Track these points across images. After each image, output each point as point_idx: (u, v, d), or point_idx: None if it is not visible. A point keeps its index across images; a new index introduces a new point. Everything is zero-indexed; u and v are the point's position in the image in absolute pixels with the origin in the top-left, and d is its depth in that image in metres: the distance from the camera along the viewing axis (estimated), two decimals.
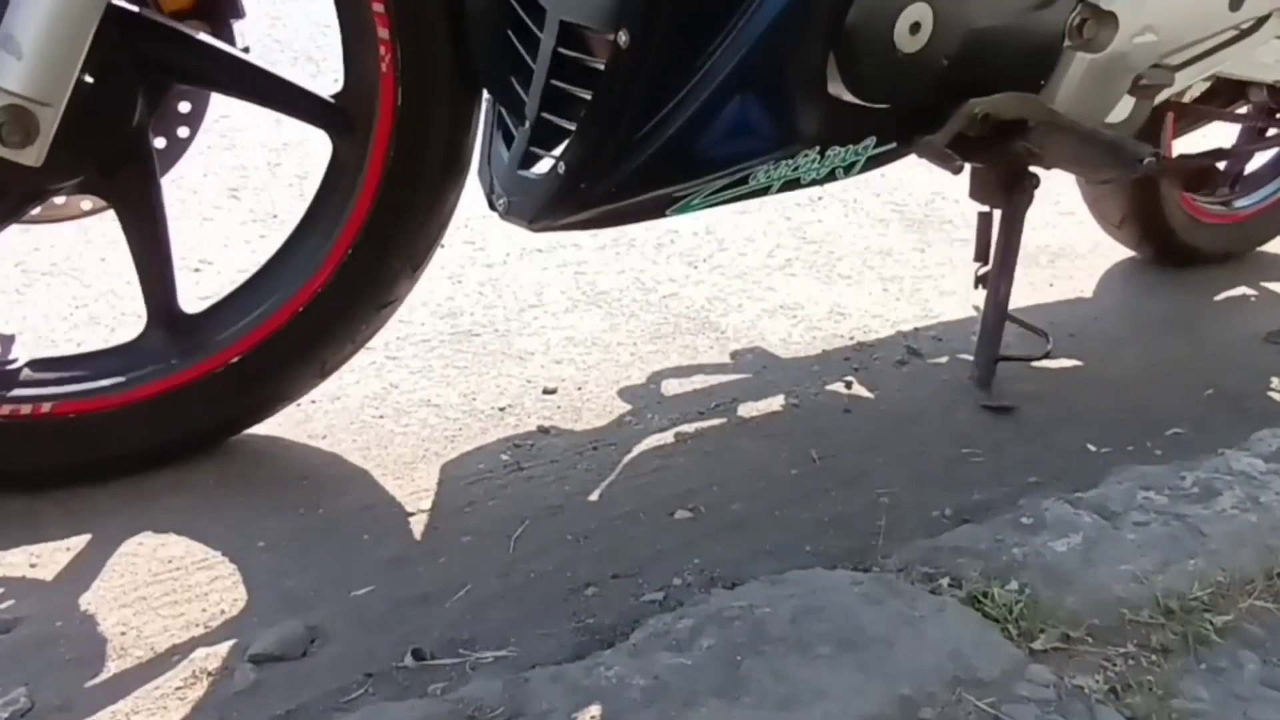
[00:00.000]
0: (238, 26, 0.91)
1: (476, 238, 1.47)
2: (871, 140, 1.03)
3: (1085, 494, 0.82)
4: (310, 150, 1.82)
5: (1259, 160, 1.63)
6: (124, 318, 1.22)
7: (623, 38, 0.88)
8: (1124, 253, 1.59)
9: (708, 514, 0.93)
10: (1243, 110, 1.48)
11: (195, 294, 1.30)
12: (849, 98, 0.98)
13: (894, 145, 1.05)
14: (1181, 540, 0.74)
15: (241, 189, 1.64)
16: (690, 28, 0.89)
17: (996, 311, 1.17)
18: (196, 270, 1.36)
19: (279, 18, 2.80)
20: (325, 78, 1.99)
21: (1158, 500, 0.78)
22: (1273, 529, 0.77)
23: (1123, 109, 1.14)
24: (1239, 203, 1.58)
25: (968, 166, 1.15)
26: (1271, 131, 1.54)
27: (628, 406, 1.10)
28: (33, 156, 0.75)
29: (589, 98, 0.95)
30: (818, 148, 1.00)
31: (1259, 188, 1.61)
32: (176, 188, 1.54)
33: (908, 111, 1.04)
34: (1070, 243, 1.63)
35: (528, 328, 1.26)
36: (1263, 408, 1.17)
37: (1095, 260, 1.59)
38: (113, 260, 1.34)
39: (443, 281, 1.35)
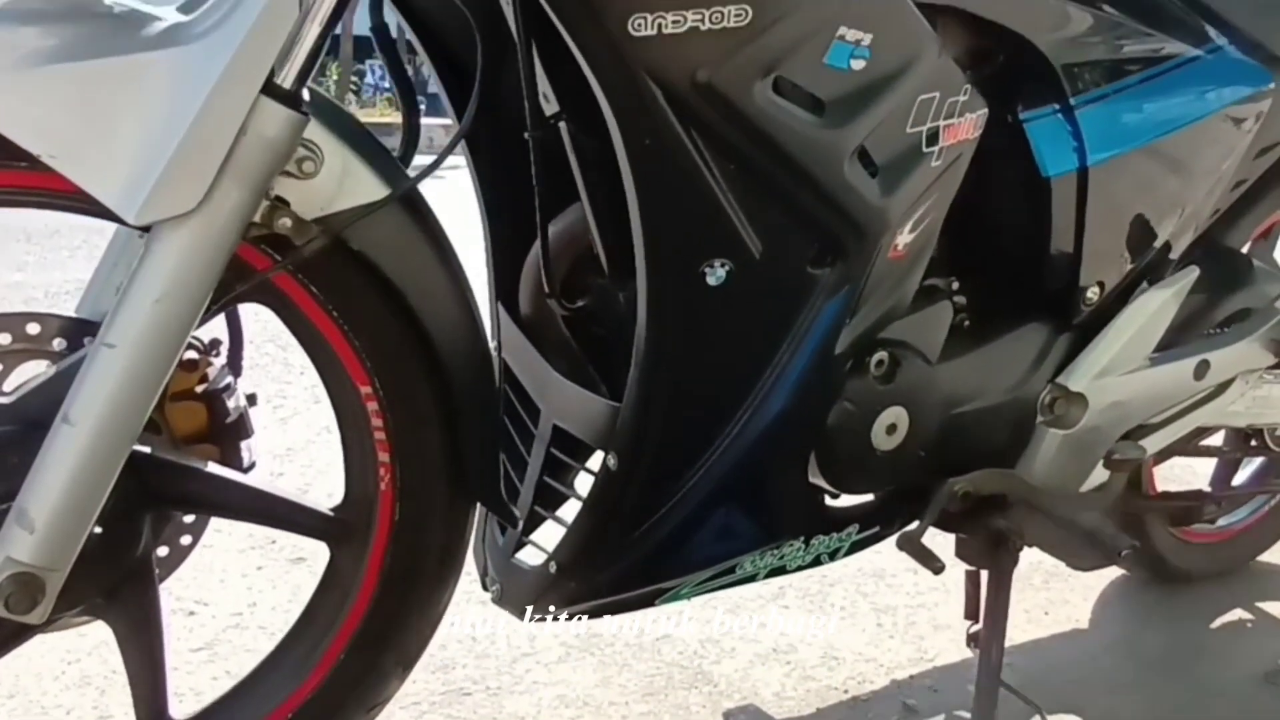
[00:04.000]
0: (245, 444, 0.95)
1: (472, 567, 1.48)
2: (855, 527, 1.06)
3: None
4: (314, 458, 1.86)
5: (1241, 475, 1.66)
6: (114, 676, 1.22)
7: (611, 460, 0.92)
8: (1118, 570, 1.60)
9: None
10: (1219, 442, 1.52)
11: (188, 643, 1.31)
12: (831, 490, 1.02)
13: (877, 530, 1.08)
14: None
15: None
16: (677, 451, 0.93)
17: (990, 677, 1.16)
18: (191, 614, 1.37)
19: (287, 345, 2.92)
20: None
21: None
22: None
23: (1098, 476, 1.17)
24: (1225, 521, 1.60)
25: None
26: (1246, 462, 1.58)
27: None
28: (37, 617, 0.77)
29: (580, 503, 0.99)
30: (802, 538, 1.03)
31: (1244, 504, 1.63)
32: None
33: (889, 498, 1.07)
34: None
35: (520, 683, 1.26)
36: None
37: (1090, 580, 1.59)
38: None
39: None
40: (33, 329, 0.87)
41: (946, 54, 0.88)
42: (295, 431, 1.98)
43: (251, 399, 0.98)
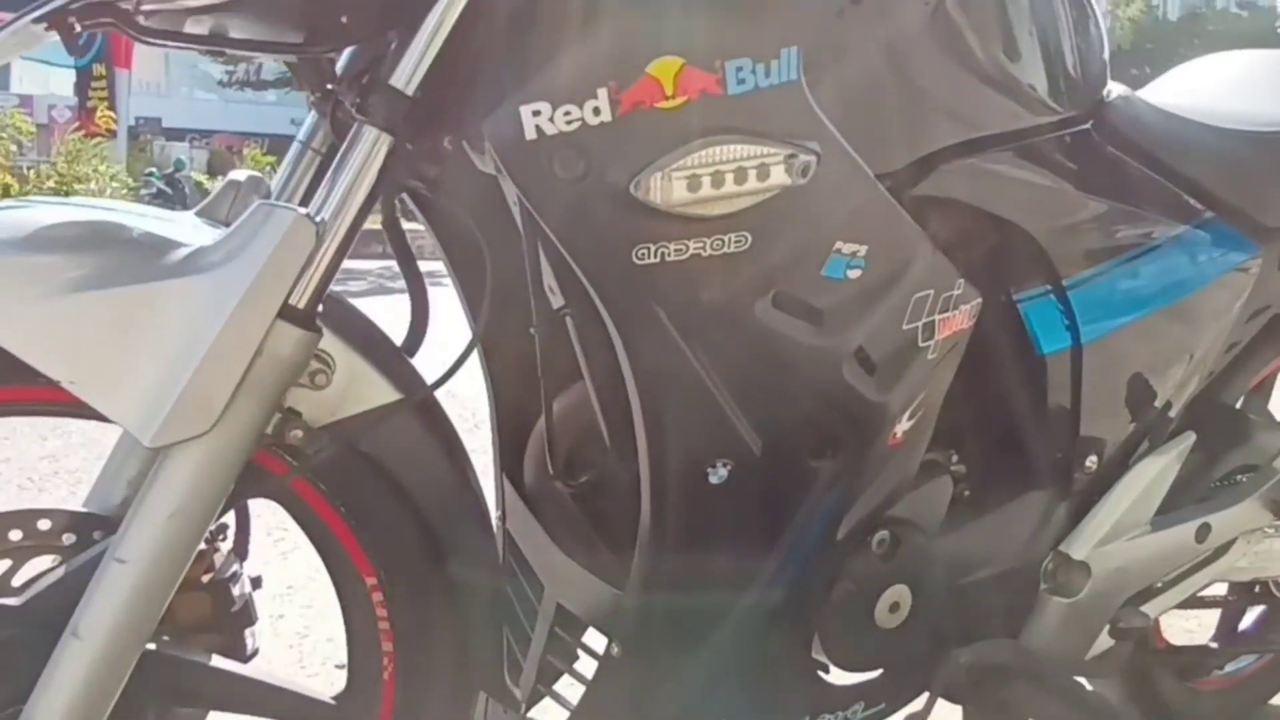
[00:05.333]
0: (249, 631, 0.95)
1: None
2: (860, 705, 1.05)
3: None
4: (314, 597, 1.86)
5: (1249, 618, 1.64)
6: None
7: (615, 648, 0.92)
8: None
9: None
10: (1223, 591, 1.52)
11: None
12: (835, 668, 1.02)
13: (883, 706, 1.07)
14: None
15: None
16: (680, 638, 0.93)
17: None
18: None
19: None
20: None
21: None
22: None
23: (1103, 643, 1.17)
24: (1234, 667, 1.59)
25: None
26: (1252, 606, 1.58)
27: None
28: None
29: (584, 685, 0.98)
30: (807, 717, 1.02)
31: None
32: None
33: (893, 674, 1.07)
34: None
35: None
36: None
37: None
38: None
39: None
40: (43, 525, 0.88)
41: (939, 252, 0.91)
42: (295, 567, 1.97)
43: (256, 582, 0.98)
